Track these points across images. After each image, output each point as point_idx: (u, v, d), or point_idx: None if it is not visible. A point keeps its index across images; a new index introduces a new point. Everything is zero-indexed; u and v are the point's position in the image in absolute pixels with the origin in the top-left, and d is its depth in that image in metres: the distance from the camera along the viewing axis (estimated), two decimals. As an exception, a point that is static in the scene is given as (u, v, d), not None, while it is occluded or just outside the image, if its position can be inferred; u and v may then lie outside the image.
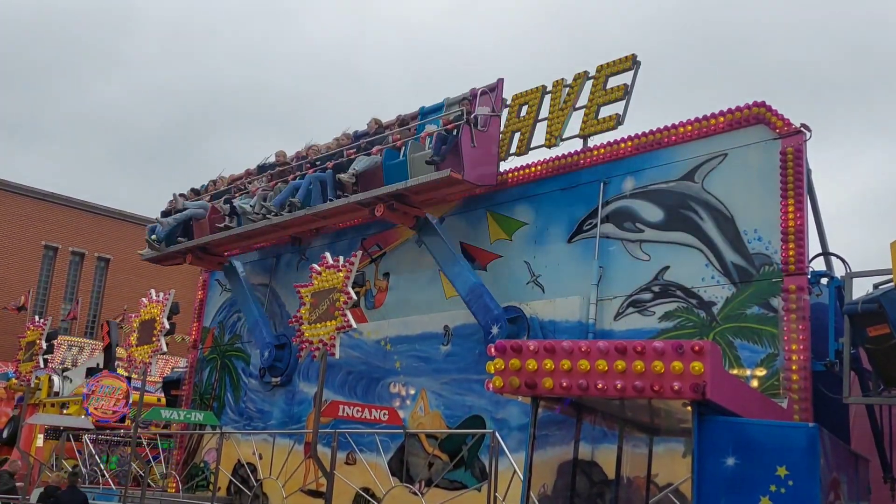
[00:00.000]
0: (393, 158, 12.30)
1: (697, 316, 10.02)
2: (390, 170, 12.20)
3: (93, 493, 14.22)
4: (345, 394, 13.50)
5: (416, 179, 11.71)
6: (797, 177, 9.45)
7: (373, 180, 12.37)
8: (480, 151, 11.68)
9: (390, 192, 12.06)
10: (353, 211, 13.05)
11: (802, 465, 5.54)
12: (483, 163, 11.79)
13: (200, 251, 15.78)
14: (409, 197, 12.21)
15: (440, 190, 12.00)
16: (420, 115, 13.08)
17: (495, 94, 12.10)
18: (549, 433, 7.37)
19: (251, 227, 14.27)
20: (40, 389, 20.63)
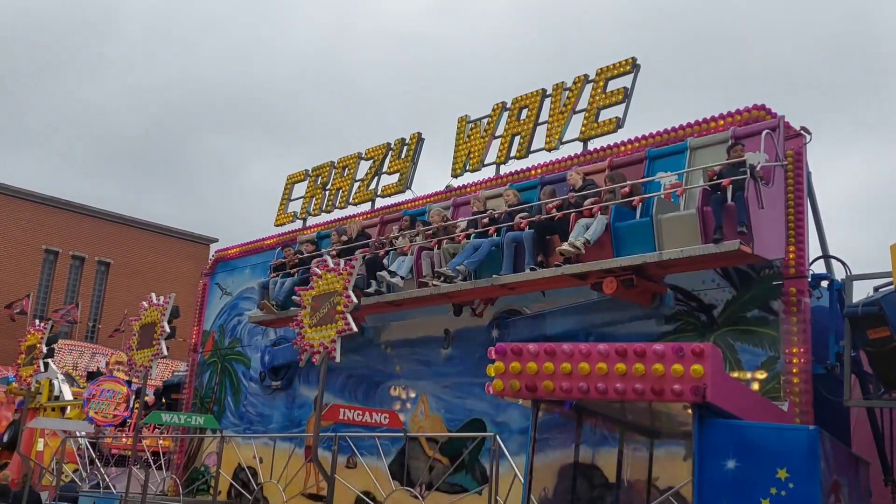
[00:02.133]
0: (626, 218, 9.54)
1: (698, 319, 10.01)
2: (626, 234, 9.41)
3: (93, 497, 14.23)
4: (345, 397, 13.49)
5: (676, 252, 8.91)
6: (797, 179, 9.44)
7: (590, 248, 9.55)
8: (768, 213, 8.79)
9: (633, 264, 9.26)
10: (559, 283, 10.14)
11: (803, 468, 5.55)
12: (770, 228, 8.90)
13: None
14: (652, 270, 9.48)
15: (705, 263, 9.26)
16: (647, 159, 10.43)
17: (777, 134, 9.16)
18: (550, 437, 7.37)
19: (406, 296, 11.56)
20: (41, 393, 20.62)
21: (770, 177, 8.90)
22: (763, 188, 8.69)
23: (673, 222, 9.10)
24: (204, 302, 17.81)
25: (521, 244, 10.23)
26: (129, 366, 13.35)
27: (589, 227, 9.49)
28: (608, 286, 9.42)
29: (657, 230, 9.16)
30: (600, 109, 11.72)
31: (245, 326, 16.38)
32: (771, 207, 8.86)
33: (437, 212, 11.88)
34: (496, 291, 10.88)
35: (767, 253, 8.84)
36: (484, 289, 10.72)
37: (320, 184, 15.74)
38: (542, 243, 10.10)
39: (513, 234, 10.33)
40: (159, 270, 37.91)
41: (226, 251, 17.78)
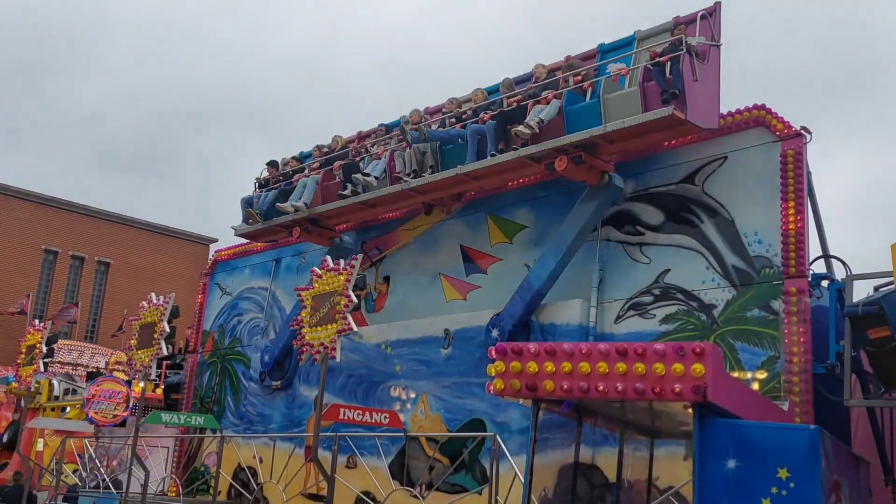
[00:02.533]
0: (577, 102, 10.33)
1: (698, 319, 10.02)
2: (576, 115, 10.14)
3: (93, 497, 14.22)
4: (345, 397, 13.48)
5: (618, 123, 9.67)
6: (797, 179, 9.46)
7: (544, 132, 10.34)
8: (702, 87, 9.64)
9: (581, 140, 9.93)
10: (518, 168, 10.93)
11: (804, 468, 5.54)
12: (706, 101, 9.74)
13: (310, 223, 13.69)
14: (601, 146, 10.15)
15: (646, 136, 10.00)
16: (600, 52, 11.20)
17: (714, 18, 10.15)
18: (550, 436, 7.37)
19: (380, 194, 12.26)
20: (40, 393, 20.60)
21: (705, 55, 9.84)
22: (699, 64, 9.57)
23: (617, 100, 9.88)
24: (203, 302, 17.81)
25: (483, 136, 10.89)
26: (129, 366, 13.33)
27: (542, 111, 10.28)
28: (559, 164, 10.20)
29: (604, 108, 9.89)
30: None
31: (245, 326, 16.39)
32: (706, 83, 9.77)
33: (414, 112, 12.39)
34: (462, 183, 11.56)
35: (702, 121, 9.63)
36: (450, 179, 11.31)
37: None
38: (502, 133, 10.71)
39: (475, 126, 11.03)
40: (159, 270, 37.90)
41: (225, 251, 17.79)
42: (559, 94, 10.41)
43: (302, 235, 13.85)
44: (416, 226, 13.81)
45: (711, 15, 10.17)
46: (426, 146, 11.59)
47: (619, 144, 10.22)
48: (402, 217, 14.01)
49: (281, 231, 14.13)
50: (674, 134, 10.00)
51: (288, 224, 13.78)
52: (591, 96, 10.28)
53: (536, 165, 10.61)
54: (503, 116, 10.78)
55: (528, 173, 11.23)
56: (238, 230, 14.63)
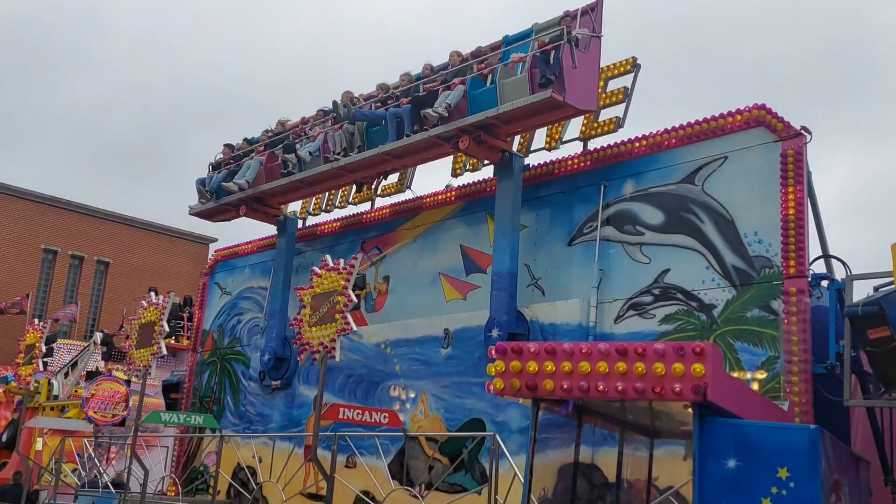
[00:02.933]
0: (479, 87, 11.41)
1: (698, 318, 10.02)
2: (477, 99, 11.26)
3: (92, 497, 14.22)
4: (345, 397, 13.48)
5: (508, 105, 10.79)
6: (798, 179, 9.45)
7: (453, 115, 11.41)
8: (582, 74, 10.71)
9: (478, 121, 11.09)
10: (431, 148, 12.08)
11: (804, 467, 5.54)
12: (585, 86, 10.82)
13: (255, 202, 14.77)
14: (498, 127, 11.29)
15: (535, 118, 11.14)
16: (504, 42, 12.14)
17: (595, 13, 11.23)
18: (550, 436, 7.37)
19: (314, 172, 13.35)
20: (39, 393, 20.60)
21: (587, 44, 10.91)
22: (579, 53, 10.68)
23: (509, 84, 10.98)
24: (203, 301, 17.80)
25: (401, 118, 12.01)
26: (129, 365, 13.32)
27: (449, 96, 11.43)
28: (462, 143, 11.39)
29: (499, 92, 11.02)
30: (600, 109, 11.73)
31: (245, 326, 16.38)
32: (585, 70, 10.88)
33: (346, 93, 13.18)
34: (384, 162, 12.78)
35: (579, 104, 10.78)
36: (374, 158, 12.56)
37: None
38: (417, 115, 11.73)
39: (394, 110, 12.21)
40: (159, 270, 37.90)
41: (225, 251, 17.78)
42: (465, 81, 11.50)
43: (248, 213, 14.93)
44: (416, 225, 13.81)
45: (593, 10, 11.24)
46: (354, 128, 12.76)
47: (514, 125, 11.37)
48: (400, 218, 14.02)
49: (230, 210, 15.18)
50: (557, 116, 11.18)
51: (235, 203, 14.81)
52: (491, 82, 11.31)
53: (446, 145, 11.76)
54: (417, 101, 11.81)
55: (441, 153, 12.41)
56: (192, 209, 15.65)
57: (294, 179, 13.66)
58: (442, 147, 11.91)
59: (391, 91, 12.94)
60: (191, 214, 15.88)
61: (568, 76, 10.47)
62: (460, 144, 11.39)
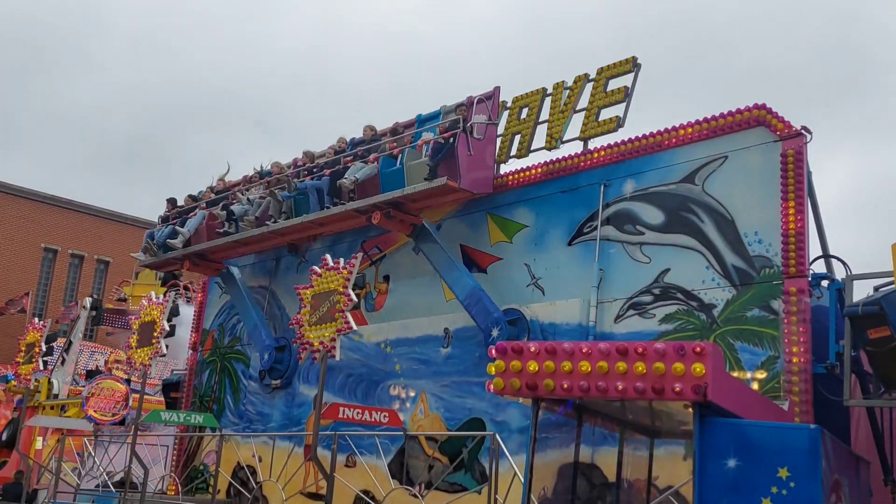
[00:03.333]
0: (390, 166, 12.48)
1: (698, 318, 10.01)
2: (387, 177, 12.39)
3: (92, 496, 14.22)
4: (345, 396, 13.48)
5: (412, 187, 11.87)
6: (798, 179, 9.45)
7: (370, 188, 12.55)
8: (476, 158, 11.83)
9: (387, 199, 12.20)
10: (351, 218, 13.15)
11: (804, 467, 5.54)
12: (479, 169, 11.93)
13: (198, 258, 15.87)
14: (406, 204, 12.34)
15: (436, 197, 12.14)
16: (417, 122, 13.22)
17: (492, 101, 12.23)
18: (550, 436, 7.37)
19: (248, 234, 14.47)
20: (40, 392, 20.60)
21: (483, 130, 11.92)
22: (473, 140, 11.69)
23: (415, 167, 12.09)
24: (203, 301, 17.80)
25: (321, 190, 13.19)
26: (129, 364, 13.33)
27: (360, 169, 12.59)
28: (375, 217, 12.37)
29: (406, 174, 12.14)
30: (601, 108, 11.72)
31: (244, 325, 16.35)
32: (480, 155, 11.95)
33: (275, 164, 14.86)
34: (309, 228, 13.88)
35: (474, 188, 11.87)
36: (301, 225, 13.64)
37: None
38: (334, 188, 12.89)
39: (313, 183, 13.41)
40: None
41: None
42: (379, 158, 12.65)
43: (191, 268, 16.03)
44: (415, 225, 13.83)
45: (489, 98, 12.20)
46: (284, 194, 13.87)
47: (419, 203, 12.29)
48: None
49: (175, 263, 16.32)
50: (455, 198, 12.20)
51: (179, 258, 15.92)
52: (400, 163, 12.40)
53: (360, 217, 12.76)
54: (336, 174, 13.08)
55: (356, 223, 13.36)
56: (140, 262, 17.00)
57: (230, 240, 14.84)
58: (357, 218, 12.95)
59: (315, 161, 14.15)
60: (139, 266, 17.31)
61: (463, 163, 11.54)
62: (373, 219, 12.39)
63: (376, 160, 12.67)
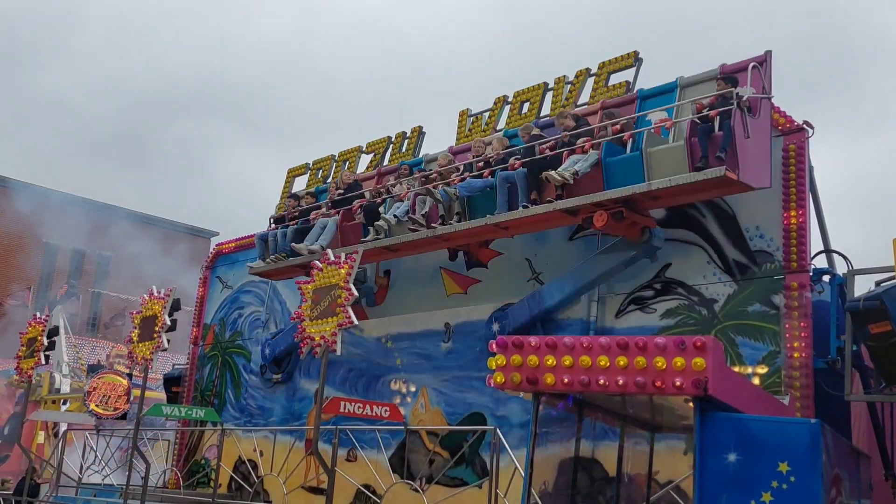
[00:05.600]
0: (616, 153, 9.81)
1: (699, 313, 10.01)
2: (616, 168, 9.63)
3: (93, 490, 14.25)
4: (346, 391, 13.50)
5: (664, 181, 9.10)
6: (799, 174, 9.44)
7: (581, 183, 9.83)
8: (753, 144, 8.97)
9: (622, 196, 9.40)
10: (552, 220, 10.40)
11: (804, 462, 5.53)
12: (757, 158, 9.09)
13: None
14: (642, 202, 9.63)
15: (694, 194, 9.44)
16: (639, 98, 10.56)
17: (765, 68, 9.40)
18: (551, 430, 7.36)
19: (403, 239, 11.73)
20: (41, 386, 20.65)
21: (757, 108, 9.06)
22: (750, 119, 8.86)
23: (661, 154, 9.28)
24: (204, 295, 17.81)
25: (514, 184, 10.39)
26: (130, 358, 13.33)
27: (577, 161, 9.78)
28: (598, 219, 9.58)
29: (646, 163, 9.33)
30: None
31: (246, 320, 16.39)
32: (756, 139, 9.03)
33: (444, 155, 12.02)
34: (490, 231, 10.98)
35: (753, 181, 8.98)
36: (479, 228, 10.82)
37: (321, 177, 15.67)
38: (534, 181, 10.20)
39: (505, 174, 10.54)
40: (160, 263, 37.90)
41: (226, 244, 17.78)
42: (596, 144, 9.89)
43: None
44: (417, 219, 13.76)
45: (762, 64, 9.37)
46: (451, 191, 11.18)
47: (662, 200, 9.63)
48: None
49: (298, 270, 13.42)
50: (723, 192, 9.35)
51: (305, 264, 12.79)
52: (632, 148, 9.70)
53: (570, 217, 10.07)
54: (535, 164, 10.20)
55: (560, 223, 10.64)
56: (254, 268, 14.30)
57: (380, 245, 11.97)
58: (564, 219, 10.24)
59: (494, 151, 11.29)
60: (251, 273, 14.62)
61: (741, 148, 8.72)
62: (596, 221, 9.60)
63: (593, 146, 9.90)
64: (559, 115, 10.80)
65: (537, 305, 11.11)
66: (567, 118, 10.54)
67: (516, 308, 11.36)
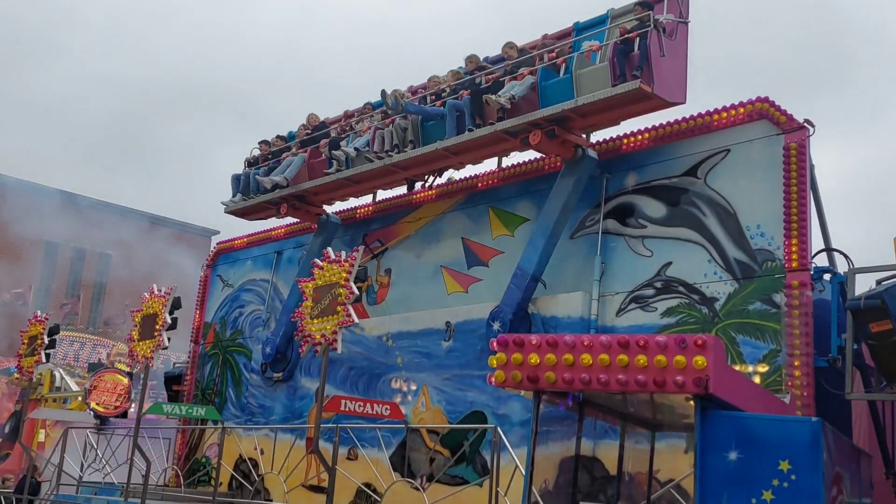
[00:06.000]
0: (551, 77, 10.60)
1: (700, 312, 10.01)
2: (550, 90, 10.43)
3: (94, 488, 14.25)
4: (346, 389, 13.49)
5: (589, 96, 9.99)
6: (800, 172, 9.44)
7: (520, 107, 10.65)
8: (669, 64, 9.91)
9: (553, 114, 10.25)
10: (495, 143, 11.26)
11: (805, 460, 5.52)
12: (673, 77, 10.01)
13: (297, 200, 14.06)
14: (573, 121, 10.46)
15: (617, 109, 10.28)
16: (575, 30, 11.47)
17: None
18: (551, 429, 7.36)
19: (363, 169, 12.56)
20: (42, 384, 20.64)
21: (673, 30, 10.10)
22: (666, 41, 9.86)
23: (588, 75, 10.20)
24: (205, 293, 17.81)
25: (462, 112, 11.19)
26: (131, 357, 13.32)
27: (514, 87, 10.58)
28: (534, 138, 10.51)
29: (575, 83, 10.21)
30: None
31: (247, 318, 16.39)
32: (673, 59, 10.07)
33: (395, 91, 12.41)
34: (442, 158, 11.83)
35: (669, 95, 9.97)
36: (431, 154, 11.66)
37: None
38: (478, 107, 10.99)
39: (453, 102, 11.35)
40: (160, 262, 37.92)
41: (227, 243, 17.79)
42: (534, 71, 10.71)
43: (289, 212, 14.25)
44: (417, 218, 13.81)
45: None
46: (407, 123, 11.92)
47: (590, 118, 10.54)
48: (401, 210, 14.00)
49: (270, 208, 14.39)
50: (642, 108, 10.24)
51: (276, 201, 14.06)
52: (565, 72, 10.57)
53: (512, 140, 10.93)
54: (479, 92, 11.04)
55: (505, 148, 11.54)
56: (228, 206, 14.89)
57: (341, 177, 12.87)
58: (506, 142, 11.08)
59: (445, 84, 12.08)
60: (226, 212, 15.05)
61: (656, 65, 9.65)
62: (531, 139, 10.50)
63: (531, 73, 10.67)
64: (505, 45, 11.56)
65: (523, 278, 11.09)
66: (512, 49, 11.46)
67: (506, 295, 11.33)
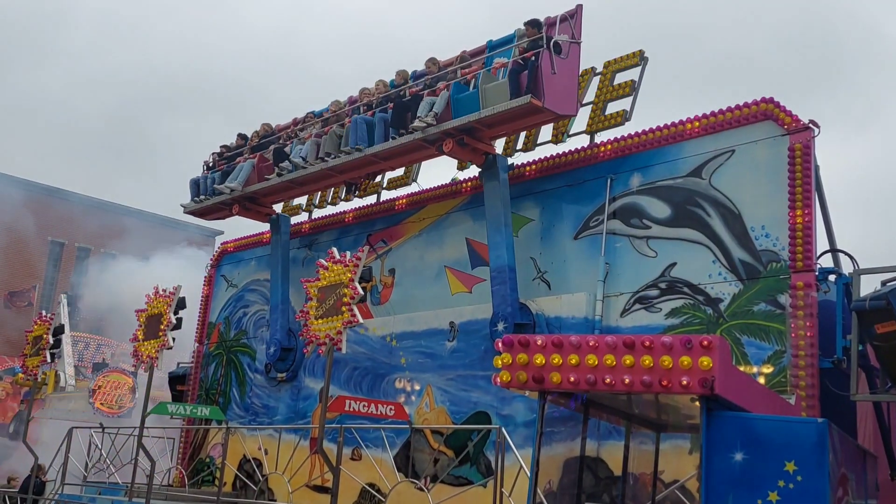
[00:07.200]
0: (462, 91, 11.58)
1: (704, 312, 10.00)
2: (461, 103, 11.45)
3: (98, 488, 14.27)
4: (350, 389, 13.51)
5: (490, 109, 10.96)
6: (805, 173, 9.43)
7: (440, 119, 11.65)
8: (561, 80, 10.88)
9: (461, 125, 11.29)
10: (417, 150, 12.32)
11: (811, 461, 5.52)
12: (563, 92, 10.99)
13: (248, 202, 15.15)
14: (481, 131, 11.52)
15: (517, 121, 11.30)
16: (488, 48, 12.41)
17: (575, 20, 11.38)
18: (556, 429, 7.36)
19: (305, 174, 13.62)
20: (46, 384, 20.66)
21: (566, 50, 11.02)
22: (558, 59, 10.81)
23: (491, 89, 11.12)
24: (209, 294, 17.83)
25: (386, 122, 12.32)
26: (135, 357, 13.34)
27: (434, 103, 11.61)
28: (446, 146, 11.64)
29: (482, 97, 11.16)
30: (607, 102, 11.72)
31: (251, 318, 16.41)
32: (564, 75, 11.01)
33: (335, 102, 13.90)
34: (372, 163, 13.04)
35: (558, 108, 10.90)
36: (362, 160, 12.77)
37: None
38: (401, 120, 12.01)
39: (381, 115, 12.53)
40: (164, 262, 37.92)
41: (231, 243, 17.81)
42: (449, 86, 11.69)
43: (241, 212, 15.33)
44: (421, 218, 13.82)
45: (572, 17, 11.32)
46: (343, 131, 13.07)
47: (496, 128, 11.55)
48: (406, 211, 14.02)
49: (223, 209, 15.51)
50: (537, 120, 11.31)
51: (228, 202, 15.18)
52: (474, 87, 11.50)
53: (430, 147, 11.98)
54: (402, 105, 12.15)
55: (426, 155, 12.58)
56: (186, 207, 15.98)
57: (285, 180, 13.94)
58: (427, 149, 12.13)
59: (374, 96, 13.15)
60: (185, 213, 16.23)
61: (547, 81, 10.64)
62: (444, 147, 11.65)
63: (446, 87, 11.73)
64: (427, 60, 12.67)
65: (502, 276, 11.40)
66: (434, 64, 12.57)
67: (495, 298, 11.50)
